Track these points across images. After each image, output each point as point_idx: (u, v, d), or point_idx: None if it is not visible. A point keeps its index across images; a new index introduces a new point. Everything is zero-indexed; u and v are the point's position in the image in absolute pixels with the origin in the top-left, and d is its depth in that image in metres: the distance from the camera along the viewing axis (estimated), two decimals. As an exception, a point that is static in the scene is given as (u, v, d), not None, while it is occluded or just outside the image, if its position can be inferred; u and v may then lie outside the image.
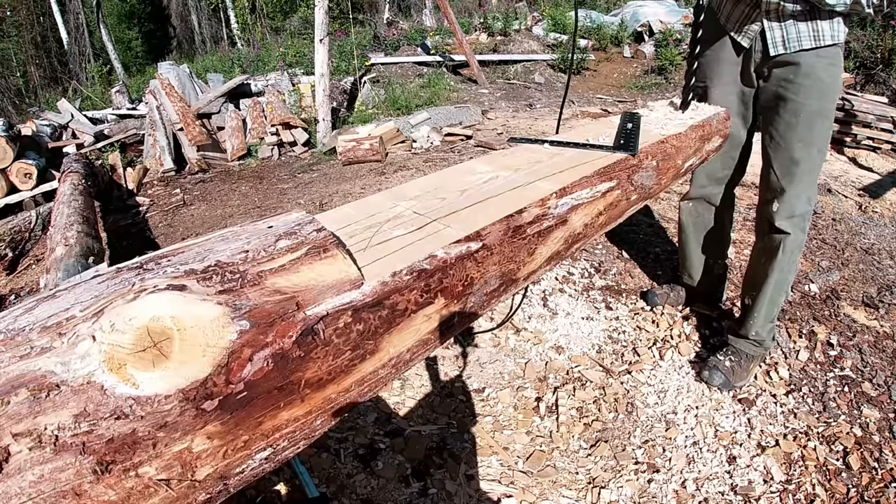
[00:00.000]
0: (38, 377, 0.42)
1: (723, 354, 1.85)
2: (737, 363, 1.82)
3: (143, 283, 0.47)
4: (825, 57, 1.51)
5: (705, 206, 1.99)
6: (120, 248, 3.16)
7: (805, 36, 1.49)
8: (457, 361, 1.93)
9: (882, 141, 4.00)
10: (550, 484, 1.51)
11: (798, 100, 1.54)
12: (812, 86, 1.52)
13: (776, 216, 1.64)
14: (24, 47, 15.42)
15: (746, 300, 1.84)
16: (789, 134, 1.59)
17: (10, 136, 4.00)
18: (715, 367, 1.81)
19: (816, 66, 1.51)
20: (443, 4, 6.81)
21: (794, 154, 1.59)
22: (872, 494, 1.45)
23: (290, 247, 0.57)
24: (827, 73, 1.52)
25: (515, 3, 10.58)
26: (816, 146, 1.58)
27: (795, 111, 1.56)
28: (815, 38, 1.49)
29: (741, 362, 1.83)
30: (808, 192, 1.62)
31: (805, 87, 1.53)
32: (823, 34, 1.48)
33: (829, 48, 1.50)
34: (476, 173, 0.99)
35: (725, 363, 1.82)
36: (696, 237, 2.06)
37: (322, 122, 4.90)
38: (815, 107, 1.54)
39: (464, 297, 0.74)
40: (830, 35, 1.48)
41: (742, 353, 1.84)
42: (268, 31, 14.79)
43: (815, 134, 1.56)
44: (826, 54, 1.51)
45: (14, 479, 0.40)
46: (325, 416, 0.59)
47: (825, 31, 1.48)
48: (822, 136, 1.58)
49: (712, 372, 1.81)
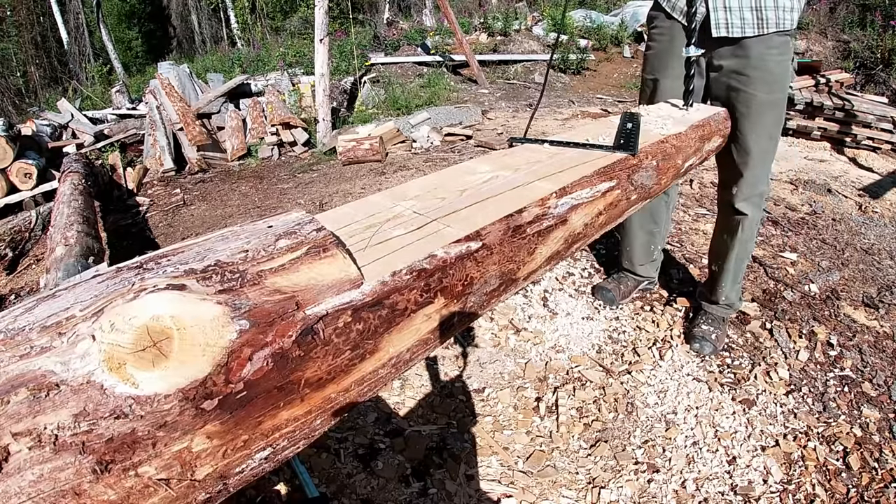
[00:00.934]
0: (37, 377, 0.42)
1: (704, 323, 2.01)
2: (716, 328, 1.99)
3: (143, 282, 0.47)
4: (774, 47, 1.54)
5: None
6: (120, 247, 3.16)
7: (749, 24, 1.52)
8: (457, 361, 1.93)
9: (882, 141, 4.00)
10: (550, 484, 1.51)
11: (749, 91, 1.58)
12: (761, 77, 1.56)
13: (735, 199, 1.76)
14: (24, 47, 15.41)
15: (713, 268, 2.00)
16: (742, 124, 1.64)
17: (10, 135, 4.00)
18: (703, 338, 1.96)
19: (766, 57, 1.54)
20: (443, 4, 6.81)
21: (748, 143, 1.65)
22: (872, 494, 1.45)
23: (290, 246, 0.57)
24: (776, 64, 1.55)
25: (515, 3, 10.58)
26: (767, 134, 1.64)
27: (747, 102, 1.60)
28: (759, 26, 1.51)
29: (719, 326, 2.00)
30: (763, 174, 1.72)
31: (755, 79, 1.56)
32: (768, 21, 1.50)
33: (777, 37, 1.52)
34: (476, 173, 0.99)
35: (710, 332, 1.97)
36: (641, 224, 2.09)
37: (322, 122, 4.90)
38: (766, 97, 1.58)
39: (464, 296, 0.74)
40: (775, 23, 1.50)
41: (717, 318, 2.02)
42: (268, 31, 14.79)
43: (767, 123, 1.62)
44: (774, 44, 1.53)
45: (14, 478, 0.40)
46: (325, 415, 0.59)
47: (769, 19, 1.50)
48: (774, 124, 1.64)
49: (702, 343, 1.96)
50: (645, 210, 2.04)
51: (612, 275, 2.31)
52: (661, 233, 2.13)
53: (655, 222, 2.09)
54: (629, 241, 2.16)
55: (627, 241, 2.17)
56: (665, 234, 2.18)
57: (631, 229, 2.13)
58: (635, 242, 2.14)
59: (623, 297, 2.22)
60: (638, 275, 2.21)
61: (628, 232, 2.14)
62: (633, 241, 2.15)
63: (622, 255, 2.22)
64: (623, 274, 2.25)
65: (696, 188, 3.37)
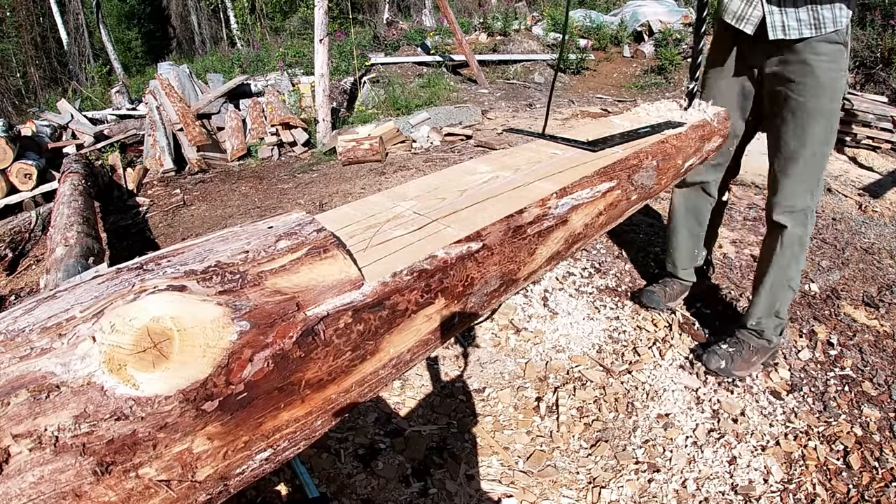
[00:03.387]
0: (38, 378, 0.42)
1: (724, 342, 1.88)
2: (737, 352, 1.84)
3: (144, 283, 0.47)
4: (825, 54, 1.50)
5: (700, 194, 1.99)
6: (120, 248, 3.16)
7: (805, 24, 1.48)
8: (457, 361, 1.93)
9: (882, 140, 3.99)
10: (551, 484, 1.50)
11: (796, 98, 1.56)
12: (810, 84, 1.53)
13: (774, 210, 1.68)
14: (24, 48, 15.41)
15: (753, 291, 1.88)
16: (785, 131, 1.61)
17: (10, 136, 4.00)
18: (713, 352, 1.85)
19: (815, 65, 1.51)
20: (442, 4, 6.81)
21: (790, 151, 1.61)
22: (873, 494, 1.45)
23: (291, 247, 0.57)
24: (824, 72, 1.51)
25: (515, 3, 10.58)
26: (812, 144, 1.58)
27: (792, 109, 1.58)
28: (815, 25, 1.47)
29: (742, 352, 1.84)
30: (805, 188, 1.63)
31: (802, 86, 1.54)
32: (825, 20, 1.46)
33: (830, 45, 1.50)
34: (476, 173, 0.99)
35: (725, 349, 1.85)
36: (686, 224, 2.06)
37: (322, 123, 4.90)
38: (812, 106, 1.54)
39: (464, 297, 0.74)
40: (832, 20, 1.46)
41: (743, 343, 1.85)
42: (268, 31, 14.78)
43: (813, 133, 1.57)
44: (826, 51, 1.50)
45: (14, 480, 0.40)
46: (326, 416, 0.59)
47: (826, 17, 1.46)
48: (820, 136, 1.57)
49: (710, 355, 1.84)
50: (691, 212, 2.03)
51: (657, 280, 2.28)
52: (704, 236, 2.10)
53: (700, 225, 2.06)
54: (674, 244, 2.13)
55: (673, 244, 2.13)
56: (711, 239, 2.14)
57: (676, 231, 2.09)
58: (680, 245, 2.11)
59: (670, 300, 2.17)
60: (681, 279, 2.18)
61: (673, 234, 2.11)
62: (678, 244, 2.11)
63: (667, 258, 2.19)
64: (668, 278, 2.22)
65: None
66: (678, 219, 2.07)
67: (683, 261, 2.14)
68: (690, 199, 2.01)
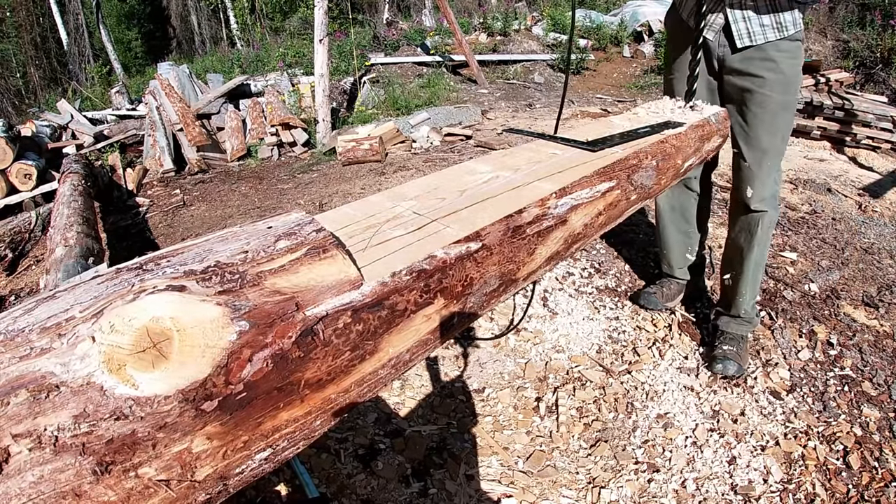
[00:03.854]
0: (37, 378, 0.42)
1: (724, 343, 1.91)
2: (738, 347, 1.89)
3: (143, 283, 0.47)
4: (787, 51, 1.59)
5: (682, 191, 2.02)
6: (120, 248, 3.16)
7: (769, 28, 1.56)
8: (457, 361, 1.93)
9: (882, 140, 3.99)
10: (550, 484, 1.51)
11: (764, 92, 1.63)
12: (776, 79, 1.60)
13: (751, 200, 1.76)
14: (24, 48, 15.41)
15: (727, 281, 1.93)
16: (756, 124, 1.68)
17: (10, 136, 4.00)
18: (726, 358, 1.86)
19: (780, 61, 1.59)
20: (442, 4, 6.81)
21: (762, 143, 1.69)
22: (873, 494, 1.45)
23: (290, 247, 0.57)
24: (789, 67, 1.60)
25: (515, 3, 10.58)
26: (780, 134, 1.69)
27: (761, 103, 1.64)
28: (778, 28, 1.56)
29: (740, 344, 1.90)
30: (776, 174, 1.75)
31: (770, 81, 1.61)
32: (786, 23, 1.55)
33: (791, 42, 1.58)
34: (476, 173, 0.99)
35: (731, 351, 1.87)
36: (673, 223, 2.08)
37: (322, 123, 4.90)
38: (780, 99, 1.62)
39: (463, 297, 0.74)
40: (793, 23, 1.56)
41: (737, 336, 1.92)
42: (267, 31, 14.79)
43: (780, 123, 1.67)
44: (788, 48, 1.59)
45: (14, 479, 0.40)
46: (325, 416, 0.59)
47: (787, 20, 1.55)
48: (786, 125, 1.68)
49: (725, 364, 1.85)
50: (676, 210, 2.05)
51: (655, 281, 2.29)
52: (694, 233, 2.12)
53: (687, 221, 2.08)
54: (665, 244, 2.15)
55: (663, 244, 2.15)
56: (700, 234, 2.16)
57: (664, 231, 2.11)
58: (671, 244, 2.13)
59: (668, 301, 2.18)
60: (678, 278, 2.20)
61: (662, 234, 2.13)
62: (668, 244, 2.13)
63: (662, 260, 2.21)
64: (666, 279, 2.23)
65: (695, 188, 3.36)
66: (665, 218, 2.09)
67: (678, 260, 2.15)
68: (673, 197, 2.04)
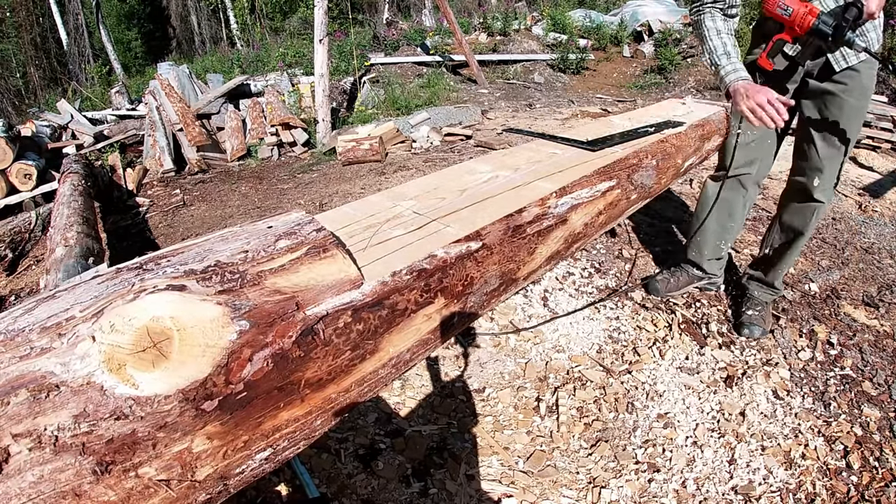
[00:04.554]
0: (37, 378, 0.42)
1: (750, 309, 2.09)
2: (762, 311, 2.08)
3: (143, 283, 0.47)
4: (867, 61, 1.71)
5: (736, 188, 2.03)
6: (120, 248, 3.16)
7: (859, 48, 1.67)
8: (457, 361, 1.93)
9: (882, 140, 3.99)
10: (551, 484, 1.50)
11: (843, 97, 1.77)
12: (856, 87, 1.74)
13: (815, 190, 1.89)
14: (24, 48, 15.40)
15: (768, 252, 2.08)
16: (834, 125, 1.81)
17: (10, 136, 4.00)
18: (752, 323, 2.04)
19: (861, 71, 1.72)
20: (442, 4, 6.81)
21: (836, 142, 1.83)
22: (873, 493, 1.45)
23: (290, 247, 0.57)
24: (868, 78, 1.75)
25: (515, 3, 10.58)
26: (853, 136, 1.84)
27: (840, 106, 1.78)
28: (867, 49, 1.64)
29: (765, 309, 2.09)
30: (840, 169, 1.90)
31: (850, 88, 1.75)
32: (872, 42, 1.69)
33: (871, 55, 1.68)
34: (476, 173, 0.99)
35: (757, 316, 2.06)
36: (716, 216, 2.07)
37: (322, 123, 4.90)
38: (857, 105, 1.77)
39: (464, 296, 0.74)
40: (878, 39, 1.71)
41: (763, 302, 2.11)
42: (267, 31, 14.78)
43: (853, 127, 1.82)
44: (868, 61, 1.71)
45: (14, 479, 0.40)
46: (326, 416, 0.59)
47: (873, 39, 1.69)
48: (857, 129, 1.84)
49: (752, 328, 2.03)
50: (723, 203, 2.05)
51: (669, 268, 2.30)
52: (734, 229, 2.13)
53: (731, 217, 2.08)
54: (702, 233, 2.13)
55: (700, 233, 2.14)
56: (736, 232, 2.17)
57: (706, 221, 2.09)
58: (708, 235, 2.13)
59: (670, 290, 2.22)
60: (702, 269, 2.20)
61: (703, 224, 2.11)
62: (706, 234, 2.13)
63: (690, 246, 2.20)
64: (680, 268, 2.24)
65: (695, 188, 3.36)
66: (709, 207, 2.05)
67: (710, 252, 2.16)
68: (724, 190, 2.02)
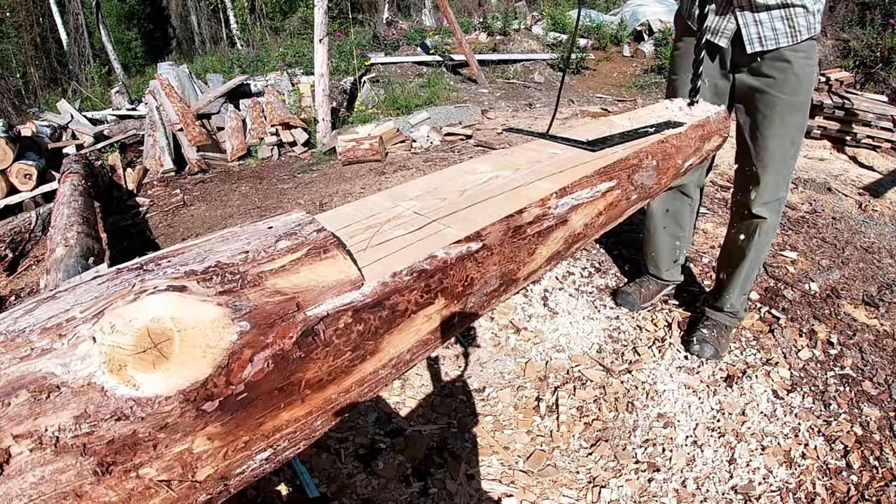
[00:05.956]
0: (38, 378, 0.42)
1: (705, 328, 1.95)
2: (719, 334, 1.95)
3: (144, 283, 0.47)
4: (801, 51, 1.51)
5: (678, 197, 2.00)
6: (120, 248, 3.16)
7: (782, 33, 1.49)
8: (457, 361, 1.93)
9: (882, 139, 3.99)
10: (551, 483, 1.51)
11: (773, 93, 1.57)
12: (787, 80, 1.54)
13: (753, 203, 1.72)
14: (24, 48, 15.40)
15: (722, 275, 1.95)
16: (764, 126, 1.62)
17: (10, 136, 4.00)
18: (703, 341, 1.91)
19: (792, 61, 1.52)
20: (442, 4, 6.80)
21: (768, 146, 1.63)
22: (873, 493, 1.45)
23: (291, 247, 0.57)
24: (802, 68, 1.53)
25: (515, 3, 10.58)
26: (790, 138, 1.61)
27: (770, 104, 1.58)
28: (791, 35, 1.48)
29: (722, 332, 1.96)
30: (782, 179, 1.68)
31: (780, 82, 1.54)
32: (800, 30, 1.47)
33: (807, 42, 1.51)
34: (476, 173, 0.99)
35: (711, 335, 1.92)
36: (666, 227, 2.07)
37: (322, 122, 4.90)
38: (790, 101, 1.56)
39: (464, 297, 0.74)
40: (807, 28, 1.48)
41: (721, 325, 1.97)
42: (267, 31, 14.78)
43: (789, 126, 1.60)
44: (801, 48, 1.51)
45: (15, 480, 0.40)
46: (326, 416, 0.59)
47: (801, 25, 1.47)
48: (796, 128, 1.61)
49: (703, 345, 1.92)
50: (670, 214, 2.03)
51: (634, 280, 2.28)
52: (686, 237, 2.10)
53: (680, 226, 2.06)
54: (654, 246, 2.12)
55: (652, 246, 2.13)
56: (689, 237, 2.15)
57: (656, 234, 2.09)
58: (660, 247, 2.11)
59: (644, 301, 2.18)
60: (663, 279, 2.19)
61: (653, 237, 2.11)
62: (658, 246, 2.11)
63: (647, 260, 2.19)
64: (646, 278, 2.22)
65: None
66: (657, 222, 2.07)
67: (665, 262, 2.14)
68: (668, 201, 2.01)
